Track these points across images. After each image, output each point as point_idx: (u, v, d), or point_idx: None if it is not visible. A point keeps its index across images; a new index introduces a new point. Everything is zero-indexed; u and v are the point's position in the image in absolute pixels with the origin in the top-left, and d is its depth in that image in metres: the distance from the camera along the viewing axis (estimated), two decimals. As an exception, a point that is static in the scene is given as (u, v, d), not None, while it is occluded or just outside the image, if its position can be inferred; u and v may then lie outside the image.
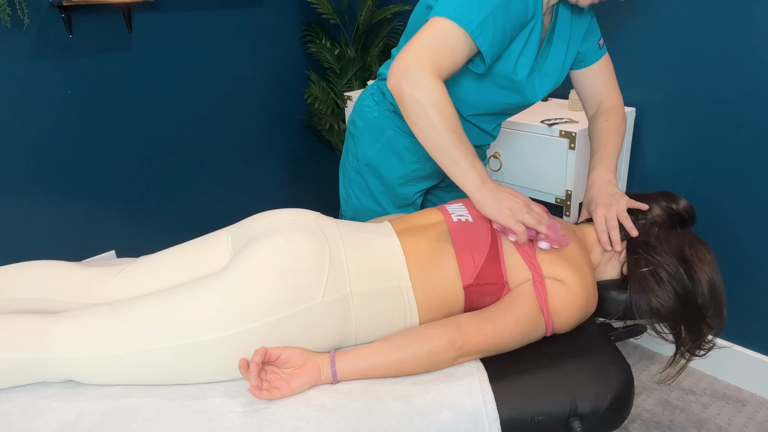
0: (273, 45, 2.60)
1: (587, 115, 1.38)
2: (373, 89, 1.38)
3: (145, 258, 1.09)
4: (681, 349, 1.07)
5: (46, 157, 2.06)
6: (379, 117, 1.34)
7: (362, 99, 1.39)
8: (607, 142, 1.26)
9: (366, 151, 1.36)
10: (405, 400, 0.90)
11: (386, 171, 1.36)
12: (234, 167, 2.63)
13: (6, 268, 1.06)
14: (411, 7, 2.53)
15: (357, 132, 1.38)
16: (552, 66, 1.24)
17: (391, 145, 1.34)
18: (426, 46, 1.00)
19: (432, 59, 0.99)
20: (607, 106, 1.32)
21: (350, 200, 1.44)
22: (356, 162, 1.39)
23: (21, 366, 0.89)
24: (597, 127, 1.30)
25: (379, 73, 1.36)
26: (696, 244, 1.08)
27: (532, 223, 1.01)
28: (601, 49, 1.30)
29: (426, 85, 0.98)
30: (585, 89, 1.35)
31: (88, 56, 2.08)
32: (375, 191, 1.39)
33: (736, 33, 1.59)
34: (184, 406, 0.88)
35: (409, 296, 1.00)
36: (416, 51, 0.99)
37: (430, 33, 1.01)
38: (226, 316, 0.90)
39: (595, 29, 1.28)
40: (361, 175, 1.39)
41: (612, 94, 1.33)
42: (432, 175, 1.39)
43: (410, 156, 1.34)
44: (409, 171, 1.35)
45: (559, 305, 1.00)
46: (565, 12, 1.21)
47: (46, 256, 2.14)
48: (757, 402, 1.78)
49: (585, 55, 1.30)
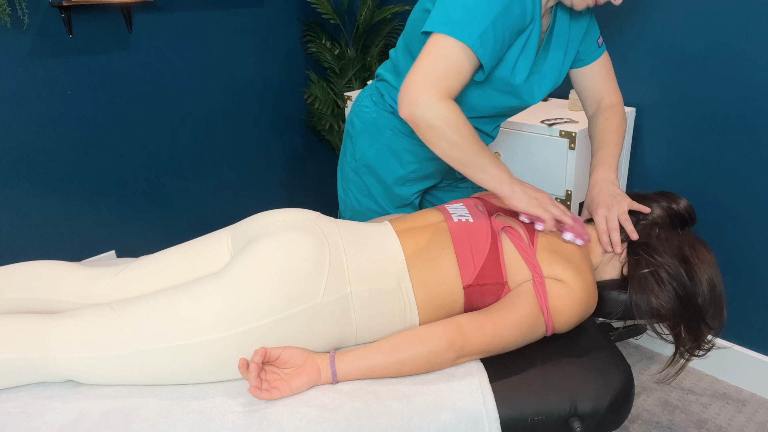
0: (273, 45, 2.60)
1: (587, 114, 1.38)
2: (372, 90, 1.37)
3: (145, 258, 1.09)
4: (681, 349, 1.07)
5: (46, 157, 2.06)
6: (377, 118, 1.34)
7: (360, 99, 1.39)
8: (608, 141, 1.26)
9: (364, 152, 1.36)
10: (405, 400, 0.90)
11: (384, 172, 1.36)
12: (234, 167, 2.63)
13: (6, 268, 1.06)
14: (411, 7, 2.53)
15: (355, 132, 1.38)
16: (550, 68, 1.23)
17: (389, 146, 1.33)
18: (431, 71, 1.00)
19: (439, 83, 1.00)
20: (607, 105, 1.32)
21: (348, 200, 1.44)
22: (354, 162, 1.39)
23: (21, 366, 0.89)
24: (597, 126, 1.30)
25: (378, 73, 1.36)
26: (696, 244, 1.08)
27: (557, 213, 1.05)
28: (600, 47, 1.30)
29: (438, 109, 0.99)
30: (584, 88, 1.35)
31: (88, 56, 2.08)
32: (373, 191, 1.39)
33: (736, 33, 1.59)
34: (184, 406, 0.88)
35: (409, 296, 1.00)
36: (423, 77, 1.00)
37: (434, 55, 1.01)
38: (225, 316, 0.90)
39: (594, 28, 1.28)
40: (359, 175, 1.39)
41: (611, 92, 1.33)
42: (430, 175, 1.39)
43: (409, 157, 1.34)
44: (407, 172, 1.35)
45: (559, 305, 1.00)
46: (564, 13, 1.21)
47: (46, 256, 2.14)
48: (757, 402, 1.78)
49: (584, 54, 1.30)
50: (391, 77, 1.31)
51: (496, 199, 1.20)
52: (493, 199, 1.20)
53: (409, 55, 1.24)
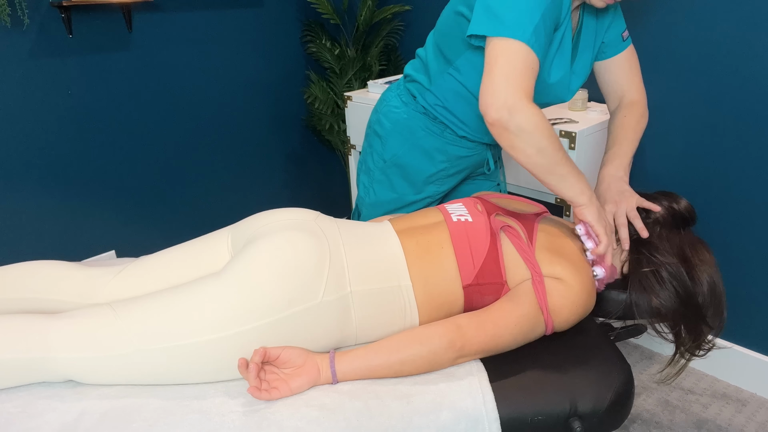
0: (273, 45, 2.60)
1: (609, 108, 1.37)
2: (401, 90, 1.37)
3: (145, 258, 1.09)
4: (681, 349, 1.07)
5: (46, 157, 2.06)
6: (408, 118, 1.33)
7: (388, 99, 1.38)
8: (623, 138, 1.25)
9: (395, 152, 1.36)
10: (405, 400, 0.90)
11: (414, 170, 1.36)
12: (234, 167, 2.63)
13: (6, 268, 1.06)
14: (411, 7, 2.53)
15: (385, 133, 1.37)
16: (580, 66, 1.23)
17: (421, 146, 1.34)
18: (511, 74, 0.99)
19: (521, 85, 0.99)
20: (629, 102, 1.30)
21: (368, 197, 1.44)
22: (383, 162, 1.39)
23: (21, 366, 0.89)
24: (615, 122, 1.29)
25: (407, 73, 1.36)
26: (696, 244, 1.08)
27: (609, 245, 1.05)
28: (626, 41, 1.28)
29: (527, 113, 0.98)
30: (606, 82, 1.33)
31: (88, 56, 2.08)
32: (397, 188, 1.39)
33: (737, 33, 1.59)
34: (184, 406, 0.88)
35: (409, 296, 1.00)
36: (505, 81, 0.98)
37: (505, 59, 1.00)
38: (225, 316, 0.90)
39: (619, 21, 1.27)
40: (387, 174, 1.39)
41: (634, 89, 1.31)
42: (458, 173, 1.39)
43: (440, 156, 1.34)
44: (438, 170, 1.36)
45: (559, 304, 1.00)
46: (590, 12, 1.21)
47: (46, 256, 2.14)
48: (757, 402, 1.78)
49: (607, 46, 1.28)
50: (422, 78, 1.31)
51: (496, 198, 1.20)
52: (493, 198, 1.20)
53: (441, 57, 1.25)
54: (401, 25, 2.61)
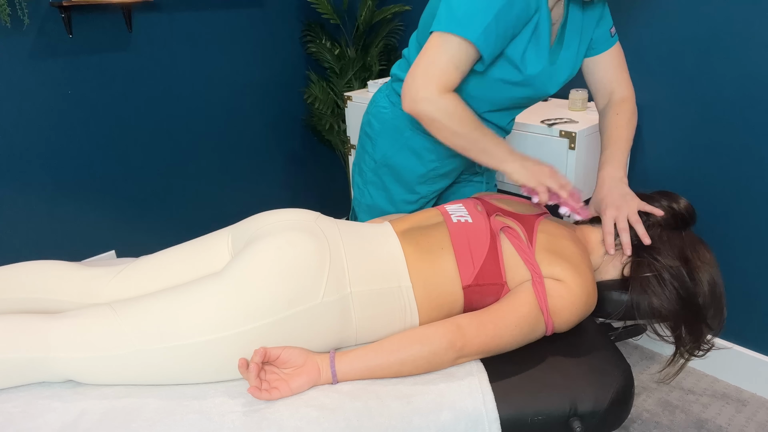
0: (273, 45, 2.60)
1: (598, 107, 1.36)
2: (388, 90, 1.37)
3: (145, 258, 1.09)
4: (681, 349, 1.07)
5: (46, 157, 2.06)
6: (395, 118, 1.33)
7: (377, 100, 1.39)
8: (617, 137, 1.25)
9: (385, 152, 1.36)
10: (405, 400, 0.90)
11: (405, 171, 1.36)
12: (234, 167, 2.63)
13: (6, 268, 1.06)
14: (411, 7, 2.53)
15: (374, 134, 1.37)
16: (565, 60, 1.23)
17: (409, 146, 1.33)
18: (429, 67, 1.06)
19: (437, 78, 1.06)
20: (618, 99, 1.30)
21: (364, 199, 1.44)
22: (374, 163, 1.39)
23: (21, 366, 0.89)
24: (607, 121, 1.29)
25: (393, 73, 1.36)
26: (696, 244, 1.08)
27: (554, 187, 1.08)
28: (613, 37, 1.28)
29: (437, 103, 1.06)
30: (595, 79, 1.33)
31: (88, 56, 2.08)
32: (391, 190, 1.39)
33: (736, 32, 1.59)
34: (184, 406, 0.88)
35: (409, 296, 1.00)
36: (422, 73, 1.06)
37: (434, 51, 1.07)
38: (225, 316, 0.90)
39: (607, 17, 1.27)
40: (379, 175, 1.39)
41: (623, 85, 1.31)
42: (450, 173, 1.39)
43: (429, 155, 1.34)
44: (428, 170, 1.36)
45: (559, 305, 1.00)
46: (576, 5, 1.21)
47: (46, 256, 2.14)
48: (757, 402, 1.78)
49: (596, 43, 1.28)
50: None
51: (496, 199, 1.20)
52: (493, 199, 1.20)
53: None
54: (401, 25, 2.61)
